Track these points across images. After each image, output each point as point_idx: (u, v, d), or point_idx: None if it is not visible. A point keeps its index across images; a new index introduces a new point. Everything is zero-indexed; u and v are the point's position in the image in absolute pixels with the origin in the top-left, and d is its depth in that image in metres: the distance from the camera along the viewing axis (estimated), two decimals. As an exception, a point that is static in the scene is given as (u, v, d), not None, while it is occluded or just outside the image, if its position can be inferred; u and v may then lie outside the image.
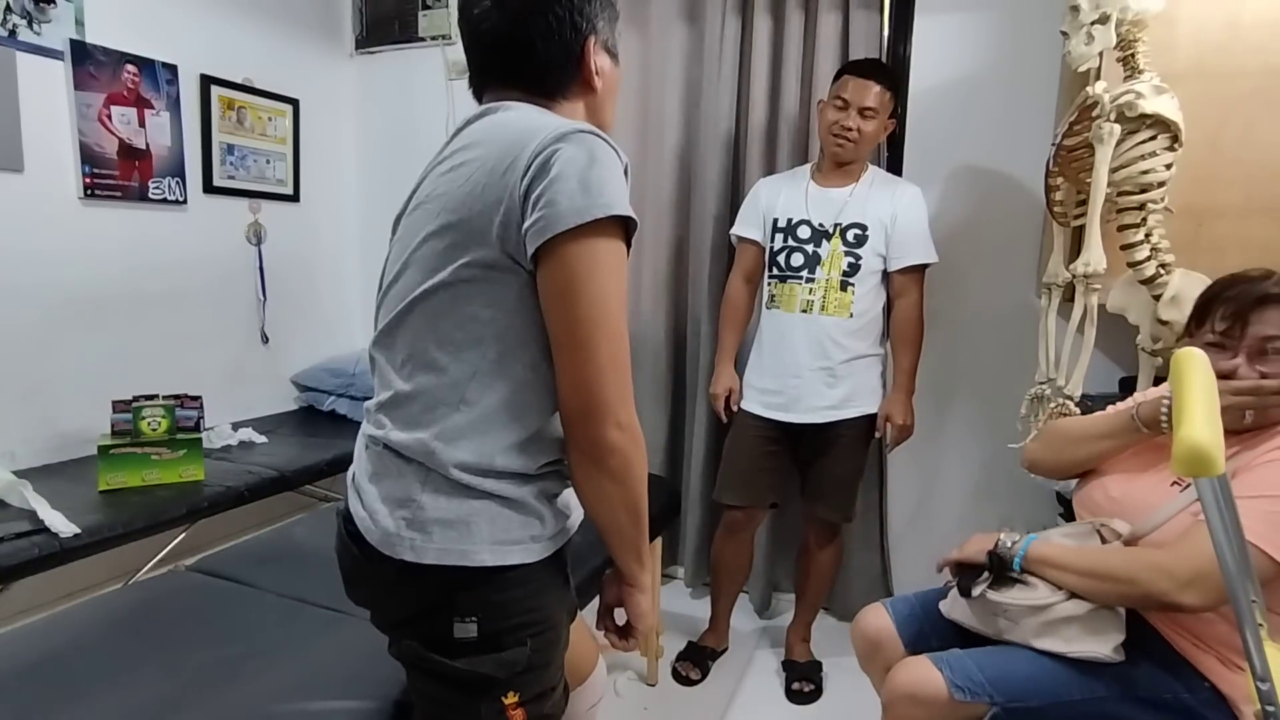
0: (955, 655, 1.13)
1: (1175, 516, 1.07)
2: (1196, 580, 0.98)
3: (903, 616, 1.33)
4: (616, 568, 0.99)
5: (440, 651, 0.89)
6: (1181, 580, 0.99)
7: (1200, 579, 0.98)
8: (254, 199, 2.71)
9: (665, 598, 2.30)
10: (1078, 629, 1.09)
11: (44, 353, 2.13)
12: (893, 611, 1.35)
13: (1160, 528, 1.08)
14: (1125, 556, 1.07)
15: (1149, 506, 1.12)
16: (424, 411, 0.87)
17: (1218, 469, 0.69)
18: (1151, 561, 1.03)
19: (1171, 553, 1.02)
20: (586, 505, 0.93)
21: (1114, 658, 1.08)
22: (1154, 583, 1.01)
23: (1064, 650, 1.09)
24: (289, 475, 2.16)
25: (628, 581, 0.98)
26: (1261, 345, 1.07)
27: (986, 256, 2.21)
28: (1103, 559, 1.08)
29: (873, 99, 1.87)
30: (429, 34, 2.88)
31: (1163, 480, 1.13)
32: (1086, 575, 1.07)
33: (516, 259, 0.83)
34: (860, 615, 1.38)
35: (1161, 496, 1.11)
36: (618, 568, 0.98)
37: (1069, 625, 1.09)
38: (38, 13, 2.04)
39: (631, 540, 0.94)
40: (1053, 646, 1.10)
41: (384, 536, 0.88)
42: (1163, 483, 1.13)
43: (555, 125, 0.83)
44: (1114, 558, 1.08)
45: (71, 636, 1.26)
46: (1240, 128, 1.60)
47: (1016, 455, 1.86)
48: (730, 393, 2.11)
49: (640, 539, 0.94)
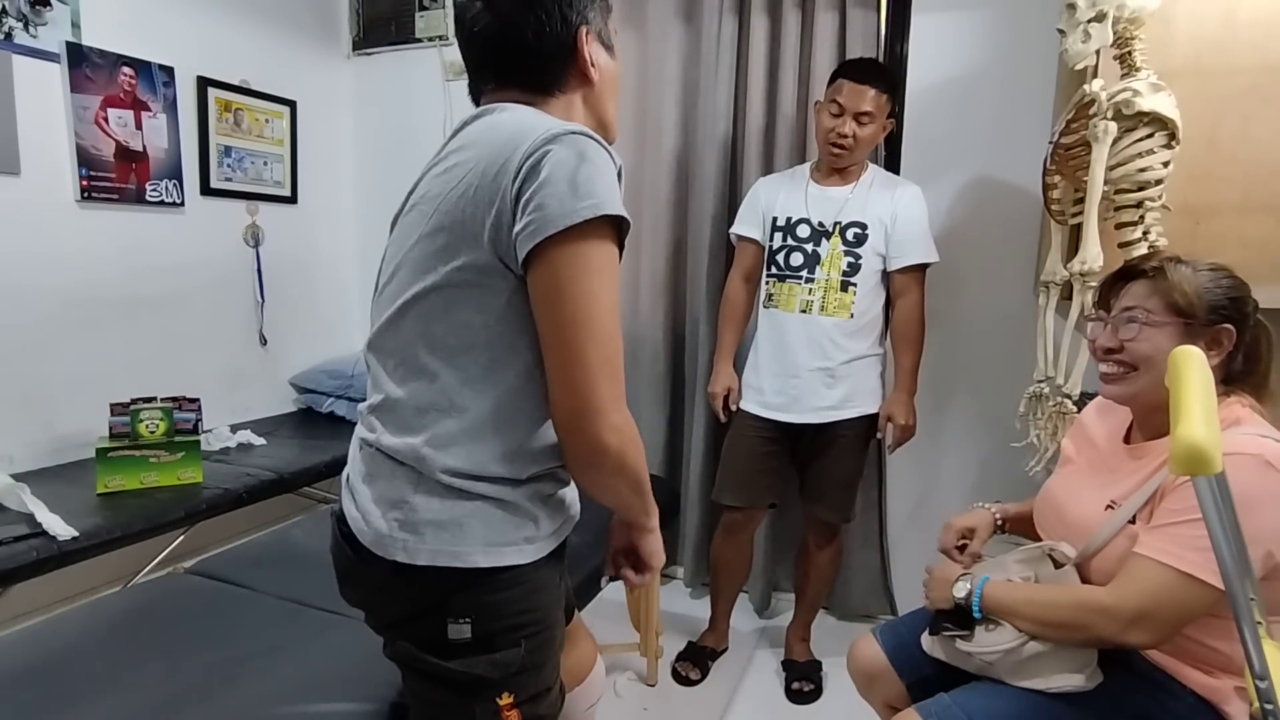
0: (943, 704, 1.13)
1: (1112, 540, 1.08)
2: (1140, 619, 0.99)
3: (892, 646, 1.33)
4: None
5: (434, 653, 0.88)
6: (1125, 621, 1.00)
7: (1143, 618, 0.99)
8: (251, 201, 2.71)
9: (665, 598, 2.29)
10: (1050, 663, 1.09)
11: (42, 356, 2.13)
12: (882, 641, 1.34)
13: (1101, 552, 1.09)
14: (1071, 602, 1.07)
15: (1088, 530, 1.12)
16: (415, 416, 0.87)
17: (1215, 467, 0.69)
18: (1096, 605, 1.03)
19: (1113, 593, 1.02)
20: (592, 496, 0.94)
21: (1090, 685, 1.08)
22: (1101, 626, 1.02)
23: (1044, 688, 1.09)
24: (287, 477, 2.16)
25: (637, 527, 1.01)
26: (1121, 315, 1.13)
27: (984, 255, 2.21)
28: (1050, 608, 1.08)
29: (869, 103, 1.86)
30: (426, 35, 2.88)
31: (1100, 501, 1.13)
32: (1038, 623, 1.08)
33: (507, 263, 0.82)
34: (853, 648, 1.39)
35: (1098, 519, 1.12)
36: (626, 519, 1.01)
37: (1040, 661, 1.10)
38: (34, 15, 2.03)
39: (639, 506, 0.97)
40: (1031, 685, 1.10)
41: (377, 538, 0.87)
42: (1100, 504, 1.13)
43: (547, 126, 0.83)
44: (1061, 605, 1.08)
45: (70, 639, 1.26)
46: (1237, 125, 1.60)
47: (1015, 454, 1.86)
48: (729, 392, 2.11)
49: (646, 501, 0.97)
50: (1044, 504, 1.27)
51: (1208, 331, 1.07)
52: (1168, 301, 1.09)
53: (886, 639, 1.35)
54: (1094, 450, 1.23)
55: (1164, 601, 0.98)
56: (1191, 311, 1.07)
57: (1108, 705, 1.08)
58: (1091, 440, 1.25)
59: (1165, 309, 1.09)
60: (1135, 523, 1.06)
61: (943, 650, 1.22)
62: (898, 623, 1.39)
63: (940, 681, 1.21)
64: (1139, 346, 1.10)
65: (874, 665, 1.33)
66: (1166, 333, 1.08)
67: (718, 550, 2.17)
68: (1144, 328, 1.10)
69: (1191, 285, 1.08)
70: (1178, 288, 1.08)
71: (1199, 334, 1.07)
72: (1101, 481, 1.17)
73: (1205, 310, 1.07)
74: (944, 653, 1.21)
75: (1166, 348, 1.06)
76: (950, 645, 1.19)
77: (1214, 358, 1.06)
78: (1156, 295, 1.10)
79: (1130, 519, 1.07)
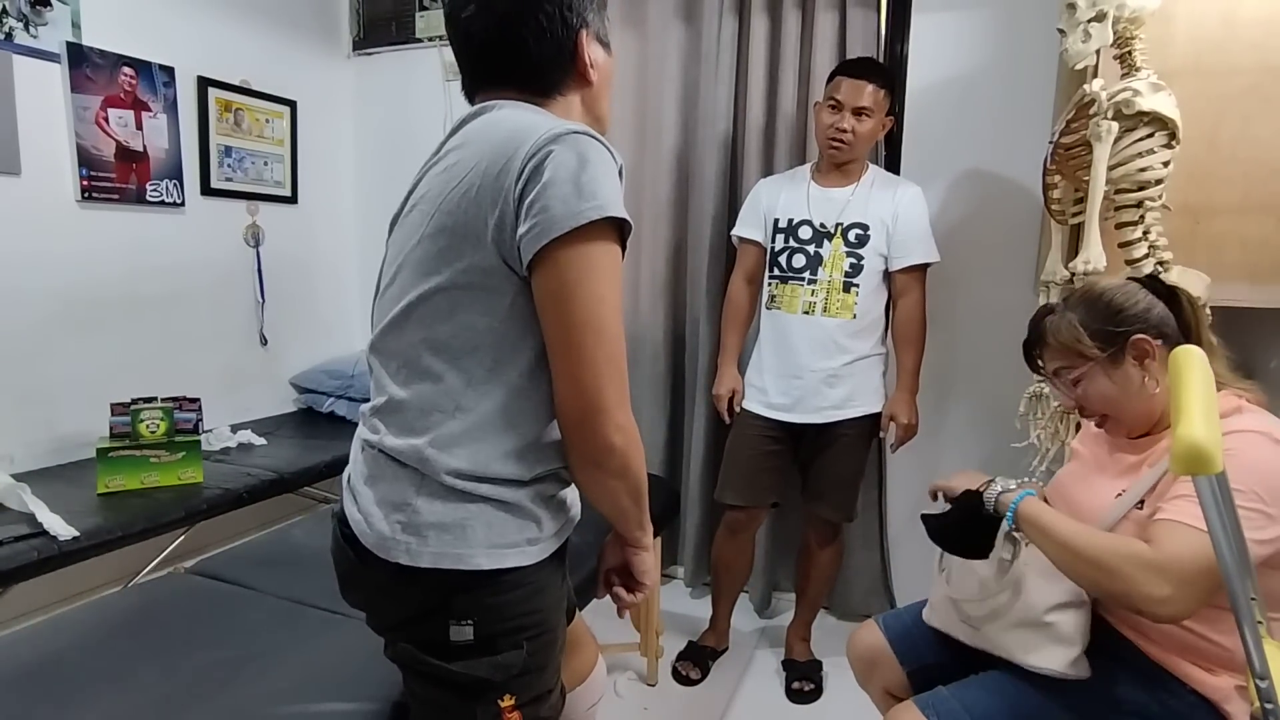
0: (941, 698, 1.13)
1: (1119, 524, 1.07)
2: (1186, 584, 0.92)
3: (895, 632, 1.33)
4: (618, 533, 1.01)
5: (436, 654, 0.88)
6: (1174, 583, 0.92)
7: (1189, 584, 0.92)
8: (252, 201, 2.71)
9: (665, 598, 2.30)
10: (1036, 638, 1.10)
11: (42, 356, 2.13)
12: (885, 628, 1.35)
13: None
14: (1112, 546, 0.99)
15: (1098, 516, 1.12)
16: (419, 417, 0.87)
17: (1215, 467, 0.69)
18: (1141, 559, 0.95)
19: (1161, 552, 0.95)
20: (590, 499, 0.94)
21: (1073, 673, 1.07)
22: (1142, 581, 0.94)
23: (1023, 662, 1.10)
24: (288, 477, 2.16)
25: (631, 544, 1.00)
26: (1056, 379, 1.17)
27: (984, 255, 2.21)
28: (1088, 543, 1.01)
29: (867, 99, 1.87)
30: (426, 35, 2.88)
31: (1111, 489, 1.13)
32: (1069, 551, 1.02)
33: (511, 264, 0.82)
34: (854, 635, 1.39)
35: (1107, 505, 1.12)
36: (620, 534, 1.00)
37: (1026, 633, 1.10)
38: (34, 15, 2.04)
39: (635, 516, 0.96)
40: (1012, 657, 1.11)
41: (379, 540, 0.87)
42: (1110, 492, 1.13)
43: (548, 126, 0.83)
44: (1100, 546, 1.00)
45: (70, 639, 1.26)
46: (1237, 125, 1.59)
47: (1016, 454, 1.86)
48: (733, 394, 2.11)
49: (643, 513, 0.96)
50: (1055, 494, 1.27)
51: (1126, 351, 1.09)
52: (1073, 353, 1.12)
53: (890, 625, 1.36)
54: (1101, 445, 1.24)
55: (1205, 570, 0.90)
56: (1088, 351, 1.10)
57: (1106, 702, 1.08)
58: (1097, 435, 1.25)
59: (1076, 359, 1.12)
60: (1143, 507, 1.06)
61: (942, 618, 1.24)
62: (901, 611, 1.40)
63: (940, 671, 1.21)
64: (1090, 399, 1.14)
65: (875, 651, 1.34)
66: (1095, 377, 1.11)
67: (719, 550, 2.17)
68: (1078, 383, 1.13)
69: (1068, 333, 1.12)
70: (1062, 340, 1.12)
71: (1120, 357, 1.10)
72: (1110, 473, 1.18)
73: (1099, 341, 1.10)
74: (944, 620, 1.24)
75: (1111, 384, 1.11)
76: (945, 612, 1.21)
77: (1157, 362, 1.08)
78: (1059, 354, 1.14)
79: (1138, 504, 1.07)
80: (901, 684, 1.30)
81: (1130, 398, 1.11)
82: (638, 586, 1.04)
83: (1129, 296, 1.12)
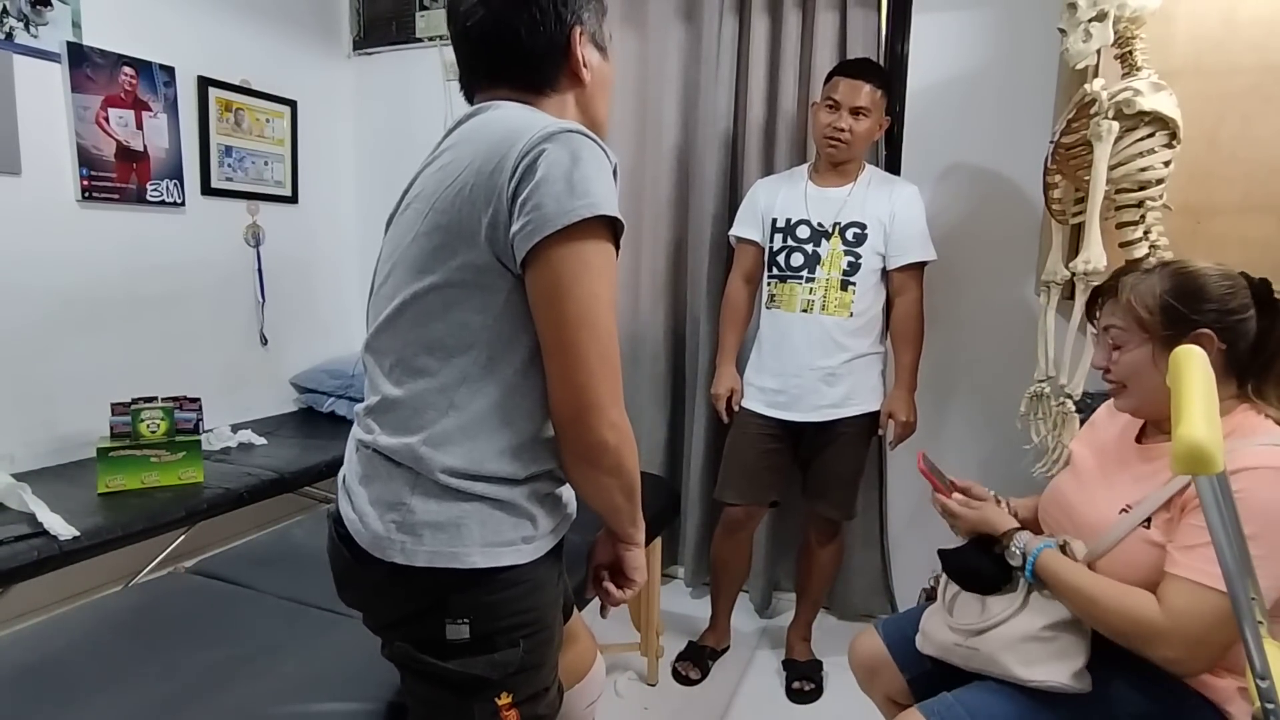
0: (945, 703, 1.12)
1: (1123, 542, 1.05)
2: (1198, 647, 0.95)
3: (895, 640, 1.32)
4: (609, 530, 1.01)
5: (432, 653, 0.88)
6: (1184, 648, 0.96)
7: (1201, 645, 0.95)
8: (252, 201, 2.71)
9: (665, 598, 2.29)
10: (1039, 650, 1.08)
11: (42, 356, 2.13)
12: (884, 634, 1.34)
13: (1110, 553, 1.07)
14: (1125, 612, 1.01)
15: (1099, 531, 1.10)
16: (412, 416, 0.87)
17: (1216, 467, 0.69)
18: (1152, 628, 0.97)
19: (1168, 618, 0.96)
20: (584, 497, 0.94)
21: (1077, 687, 1.06)
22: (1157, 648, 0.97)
23: (1025, 675, 1.08)
24: (288, 477, 2.16)
25: (624, 540, 1.00)
26: (1104, 335, 1.14)
27: (985, 255, 2.21)
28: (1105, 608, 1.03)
29: (864, 98, 1.88)
30: (426, 35, 2.88)
31: (1114, 503, 1.11)
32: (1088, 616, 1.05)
33: (505, 262, 0.83)
34: (854, 642, 1.38)
35: (1110, 521, 1.09)
36: (611, 530, 1.01)
37: (1027, 648, 1.08)
38: (34, 15, 2.04)
39: (628, 513, 0.96)
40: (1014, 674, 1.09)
41: (374, 539, 0.87)
42: (1114, 506, 1.10)
43: (542, 125, 0.83)
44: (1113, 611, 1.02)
45: (71, 639, 1.26)
46: (1238, 124, 1.59)
47: (1016, 453, 1.86)
48: (732, 393, 2.11)
49: (635, 510, 0.97)
50: (1052, 504, 1.26)
51: (1184, 340, 1.01)
52: (1134, 318, 1.08)
53: (888, 632, 1.35)
54: (1105, 451, 1.22)
55: (1216, 627, 0.93)
56: (1148, 323, 1.06)
57: (1110, 705, 1.08)
58: (1103, 440, 1.23)
59: (1133, 325, 1.08)
60: (1150, 526, 1.03)
61: (935, 647, 1.22)
62: (900, 616, 1.39)
63: (941, 677, 1.21)
64: (1121, 366, 1.11)
65: (875, 658, 1.34)
66: (1139, 348, 1.08)
67: (717, 548, 2.17)
68: (1120, 347, 1.10)
69: (1141, 298, 1.07)
70: (1133, 301, 1.08)
71: (1175, 343, 1.02)
72: (1114, 483, 1.15)
73: (1166, 317, 1.05)
74: (938, 648, 1.21)
75: (1146, 363, 1.07)
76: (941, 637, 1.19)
77: None
78: (1120, 312, 1.10)
79: (1145, 522, 1.04)
80: (903, 691, 1.30)
81: (1160, 386, 1.03)
82: (628, 583, 1.04)
83: (1223, 290, 1.05)
